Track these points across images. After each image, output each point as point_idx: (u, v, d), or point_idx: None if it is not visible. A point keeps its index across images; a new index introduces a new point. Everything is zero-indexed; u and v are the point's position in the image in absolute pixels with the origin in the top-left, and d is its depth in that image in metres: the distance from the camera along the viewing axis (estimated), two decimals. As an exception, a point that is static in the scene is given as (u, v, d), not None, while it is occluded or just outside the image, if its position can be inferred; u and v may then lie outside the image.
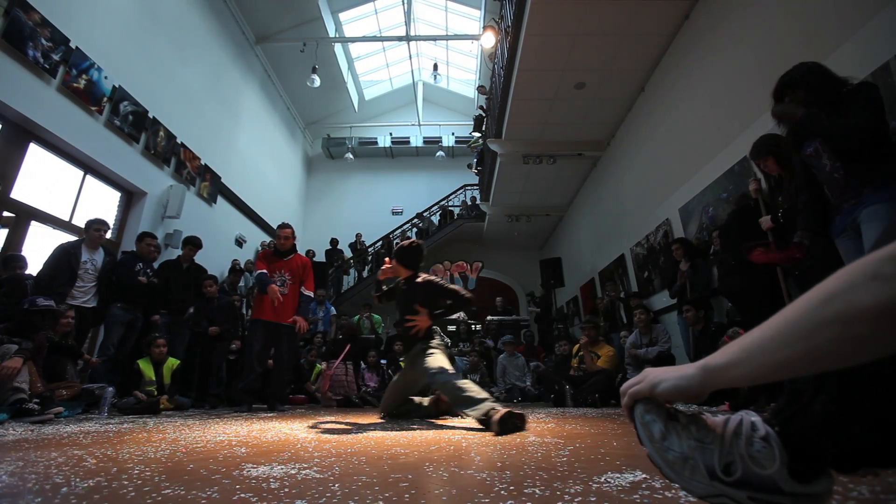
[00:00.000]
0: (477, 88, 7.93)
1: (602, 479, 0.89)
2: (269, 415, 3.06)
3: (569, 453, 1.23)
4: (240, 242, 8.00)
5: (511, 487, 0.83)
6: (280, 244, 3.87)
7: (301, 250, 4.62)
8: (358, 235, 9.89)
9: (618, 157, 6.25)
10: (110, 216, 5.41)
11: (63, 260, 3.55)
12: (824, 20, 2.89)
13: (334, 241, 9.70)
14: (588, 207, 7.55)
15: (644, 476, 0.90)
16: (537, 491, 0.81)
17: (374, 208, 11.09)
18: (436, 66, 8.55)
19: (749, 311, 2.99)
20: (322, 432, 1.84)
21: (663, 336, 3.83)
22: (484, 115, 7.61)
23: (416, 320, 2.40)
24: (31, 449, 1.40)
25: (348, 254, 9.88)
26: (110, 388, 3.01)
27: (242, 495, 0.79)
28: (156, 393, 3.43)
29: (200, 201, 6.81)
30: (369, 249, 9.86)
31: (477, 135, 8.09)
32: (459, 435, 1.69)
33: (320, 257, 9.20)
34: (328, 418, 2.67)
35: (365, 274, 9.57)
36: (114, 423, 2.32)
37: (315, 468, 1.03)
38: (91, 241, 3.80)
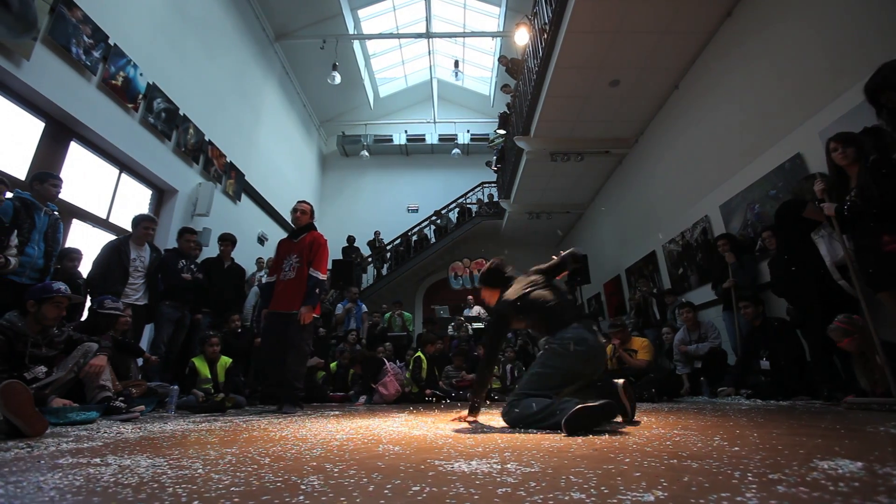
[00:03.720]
0: (501, 88, 7.90)
1: (825, 466, 0.89)
2: (334, 413, 3.05)
3: (728, 444, 1.24)
4: (262, 240, 7.98)
5: (748, 474, 0.84)
6: (296, 218, 3.44)
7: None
8: (376, 233, 9.87)
9: (646, 154, 6.27)
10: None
11: (114, 258, 3.53)
12: (879, 17, 2.90)
13: (351, 239, 9.67)
14: (612, 204, 7.57)
15: (862, 463, 0.91)
16: (781, 476, 0.82)
17: (390, 206, 11.07)
18: (456, 63, 8.53)
19: (801, 312, 3.02)
20: (432, 430, 1.85)
21: (713, 332, 3.86)
22: (509, 112, 7.60)
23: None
24: (176, 447, 1.39)
25: (366, 251, 9.85)
26: (175, 387, 3.00)
27: (502, 490, 0.79)
28: (212, 391, 3.42)
29: (226, 199, 6.79)
30: (388, 247, 9.84)
31: (501, 132, 8.08)
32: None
33: (336, 254, 9.19)
34: (397, 416, 2.67)
35: (384, 272, 9.55)
36: (201, 421, 2.32)
37: (513, 463, 1.04)
38: (138, 238, 3.78)
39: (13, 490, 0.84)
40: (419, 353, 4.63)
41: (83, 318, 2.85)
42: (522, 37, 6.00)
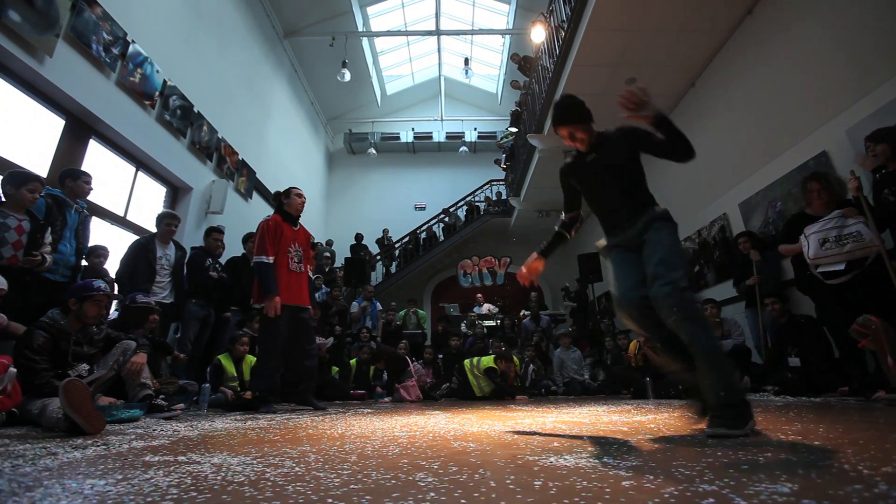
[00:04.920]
0: (511, 84, 7.90)
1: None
2: (366, 411, 3.06)
3: (802, 439, 1.24)
4: (272, 238, 7.95)
5: (859, 467, 0.85)
6: (301, 203, 3.41)
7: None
8: (385, 231, 9.87)
9: (660, 152, 6.27)
10: (157, 211, 5.36)
11: (141, 256, 3.53)
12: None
13: (359, 237, 9.67)
14: (623, 202, 7.58)
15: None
16: (894, 469, 0.83)
17: (397, 204, 11.06)
18: (467, 61, 8.51)
19: (822, 311, 3.03)
20: (485, 426, 1.86)
21: (736, 329, 3.88)
22: (521, 110, 7.60)
23: None
24: (247, 445, 1.40)
25: (374, 249, 9.85)
26: (207, 385, 3.00)
27: (626, 483, 0.80)
28: (239, 388, 3.42)
29: (238, 196, 6.77)
30: (396, 245, 9.84)
31: (513, 130, 8.09)
32: (654, 417, 1.71)
33: (345, 252, 9.18)
34: (436, 414, 2.68)
35: (392, 269, 9.56)
36: (242, 419, 2.32)
37: (608, 457, 1.04)
38: (162, 236, 3.77)
39: (131, 488, 0.84)
40: (493, 364, 4.49)
41: (112, 316, 2.83)
42: (539, 34, 5.99)
